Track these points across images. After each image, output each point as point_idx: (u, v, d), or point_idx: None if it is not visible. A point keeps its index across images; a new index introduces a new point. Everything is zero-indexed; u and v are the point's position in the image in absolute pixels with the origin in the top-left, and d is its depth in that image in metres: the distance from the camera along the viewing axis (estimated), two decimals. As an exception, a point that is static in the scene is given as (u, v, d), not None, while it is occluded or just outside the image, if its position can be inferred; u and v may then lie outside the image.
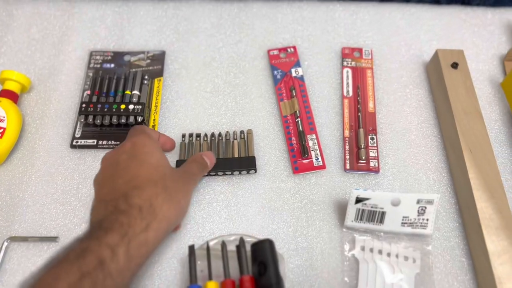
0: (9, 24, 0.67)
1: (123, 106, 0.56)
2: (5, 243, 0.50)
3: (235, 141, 0.56)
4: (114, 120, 0.56)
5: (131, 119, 0.56)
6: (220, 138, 0.57)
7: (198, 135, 0.57)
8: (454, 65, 0.59)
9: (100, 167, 0.47)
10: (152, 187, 0.41)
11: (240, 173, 0.55)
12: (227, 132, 0.58)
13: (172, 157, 0.56)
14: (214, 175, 0.55)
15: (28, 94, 0.61)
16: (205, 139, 0.57)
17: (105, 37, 0.66)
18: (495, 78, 0.63)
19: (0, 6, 0.69)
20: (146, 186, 0.41)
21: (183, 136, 0.57)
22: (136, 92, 0.58)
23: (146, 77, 0.61)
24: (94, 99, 0.58)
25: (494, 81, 0.63)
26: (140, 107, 0.56)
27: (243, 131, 0.58)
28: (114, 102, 0.57)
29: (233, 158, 0.55)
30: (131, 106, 0.56)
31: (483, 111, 0.58)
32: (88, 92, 0.59)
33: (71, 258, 0.34)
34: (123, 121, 0.56)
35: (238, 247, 0.45)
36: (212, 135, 0.57)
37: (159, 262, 0.49)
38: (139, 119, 0.56)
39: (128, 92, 0.58)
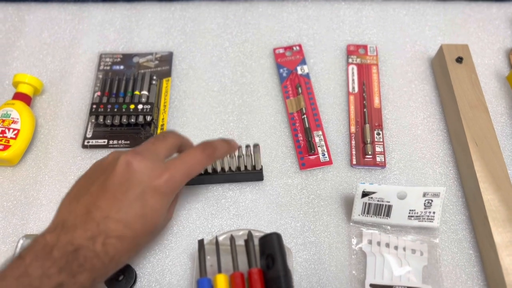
0: (22, 29, 0.69)
1: (132, 106, 0.58)
2: (21, 241, 0.51)
3: (241, 157, 0.53)
4: (124, 120, 0.57)
5: (140, 118, 0.57)
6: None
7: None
8: (459, 60, 0.59)
9: (118, 169, 0.42)
10: (130, 246, 0.41)
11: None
12: (240, 146, 0.53)
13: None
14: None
15: (41, 96, 0.63)
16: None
17: (114, 40, 0.68)
18: (500, 72, 0.64)
19: (12, 12, 0.71)
20: (125, 243, 0.40)
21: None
22: (145, 92, 0.60)
23: (154, 77, 0.62)
24: (104, 100, 0.59)
25: (499, 75, 0.63)
26: (149, 106, 0.58)
27: (248, 145, 0.52)
28: (123, 102, 0.59)
29: (240, 173, 0.54)
30: (140, 106, 0.58)
31: (489, 105, 0.58)
32: (99, 93, 0.60)
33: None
34: (132, 120, 0.57)
35: (246, 240, 0.46)
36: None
37: (169, 257, 0.50)
38: (148, 118, 0.57)
39: (137, 92, 0.60)
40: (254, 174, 0.54)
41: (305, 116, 0.59)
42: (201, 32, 0.68)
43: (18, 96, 0.59)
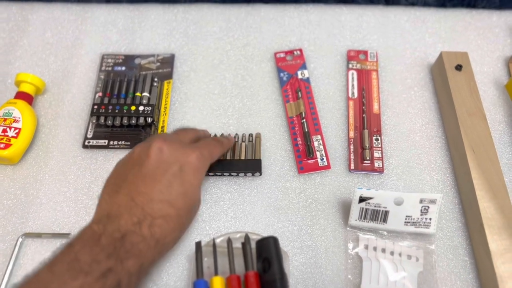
0: (25, 29, 0.69)
1: (133, 108, 0.58)
2: (20, 239, 0.51)
3: (243, 144, 0.58)
4: (125, 121, 0.58)
5: (141, 120, 0.58)
6: (228, 139, 0.58)
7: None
8: (458, 67, 0.60)
9: (152, 154, 0.44)
10: (174, 224, 0.43)
11: (245, 175, 0.56)
12: (236, 134, 0.59)
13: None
14: (220, 175, 0.56)
15: (42, 96, 0.64)
16: (213, 139, 0.58)
17: (117, 41, 0.68)
18: (499, 80, 0.64)
19: (16, 12, 0.71)
20: (171, 221, 0.43)
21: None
22: (146, 94, 0.60)
23: (155, 79, 0.62)
24: (106, 100, 0.60)
25: (498, 83, 0.64)
26: (150, 108, 0.58)
27: (251, 134, 0.59)
28: (124, 103, 0.59)
29: (239, 160, 0.56)
30: (141, 108, 0.58)
31: (487, 113, 0.58)
32: (100, 94, 0.61)
33: (96, 274, 0.36)
34: (133, 122, 0.58)
35: (243, 243, 0.46)
36: (222, 135, 0.58)
37: (167, 258, 0.51)
38: (149, 120, 0.58)
39: (138, 94, 0.60)
40: (252, 163, 0.56)
41: (304, 120, 0.59)
42: (203, 35, 0.69)
43: (20, 95, 0.60)
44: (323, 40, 0.68)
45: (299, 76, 0.64)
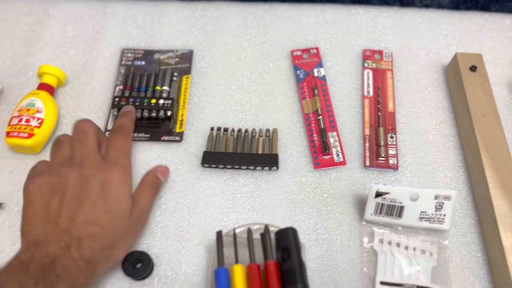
0: (46, 22, 0.71)
1: (153, 101, 0.59)
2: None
3: (260, 138, 0.59)
4: (146, 113, 0.59)
5: (161, 113, 0.59)
6: (246, 134, 0.59)
7: (225, 129, 0.60)
8: (473, 68, 0.61)
9: (72, 182, 0.45)
10: (103, 242, 0.43)
11: (262, 169, 0.57)
12: (253, 129, 0.60)
13: (200, 149, 0.59)
14: (238, 168, 0.57)
15: (63, 88, 0.65)
16: (232, 133, 0.59)
17: (136, 36, 0.70)
18: (512, 82, 0.65)
19: (37, 5, 0.72)
20: (99, 240, 0.43)
21: (212, 128, 0.60)
22: (166, 88, 0.61)
23: (175, 74, 0.64)
24: (126, 93, 0.61)
25: (511, 85, 0.65)
26: (170, 101, 0.59)
27: (268, 129, 0.60)
28: (145, 96, 0.60)
29: (257, 154, 0.57)
30: (161, 101, 0.59)
31: (501, 114, 0.59)
32: (121, 87, 0.62)
33: None
34: (153, 115, 0.59)
35: (262, 234, 0.47)
36: (239, 130, 0.60)
37: (186, 248, 0.52)
38: (169, 113, 0.59)
39: (158, 87, 0.61)
40: (269, 157, 0.57)
41: (320, 117, 0.60)
42: (221, 32, 0.70)
43: (43, 87, 0.61)
44: (339, 39, 0.69)
45: (315, 74, 0.65)
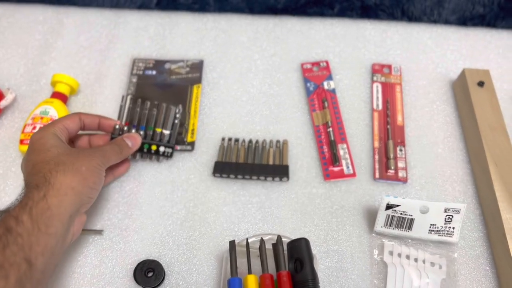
0: (60, 32, 0.72)
1: (154, 147, 0.59)
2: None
3: (271, 149, 0.60)
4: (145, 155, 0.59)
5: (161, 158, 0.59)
6: (257, 144, 0.60)
7: (236, 140, 0.60)
8: (481, 84, 0.62)
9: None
10: (45, 166, 0.46)
11: (273, 180, 0.58)
12: (264, 139, 0.61)
13: (211, 159, 0.59)
14: (248, 178, 0.58)
15: (76, 96, 0.66)
16: (243, 144, 0.60)
17: (148, 46, 0.71)
18: (519, 98, 0.66)
19: (52, 15, 0.73)
20: (41, 168, 0.46)
21: (223, 139, 0.61)
22: (167, 132, 0.60)
23: (179, 109, 0.61)
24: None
25: (518, 100, 0.66)
26: (170, 150, 0.59)
27: (279, 140, 0.61)
28: (145, 138, 0.59)
29: (267, 165, 0.58)
30: (161, 149, 0.59)
31: (508, 128, 0.60)
32: (118, 122, 0.58)
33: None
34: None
35: (274, 244, 0.47)
36: (250, 141, 0.60)
37: (197, 257, 0.52)
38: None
39: (158, 129, 0.60)
40: (280, 168, 0.57)
41: (330, 129, 0.61)
42: (232, 44, 0.71)
43: (56, 95, 0.62)
44: (348, 53, 0.70)
45: (325, 87, 0.66)
